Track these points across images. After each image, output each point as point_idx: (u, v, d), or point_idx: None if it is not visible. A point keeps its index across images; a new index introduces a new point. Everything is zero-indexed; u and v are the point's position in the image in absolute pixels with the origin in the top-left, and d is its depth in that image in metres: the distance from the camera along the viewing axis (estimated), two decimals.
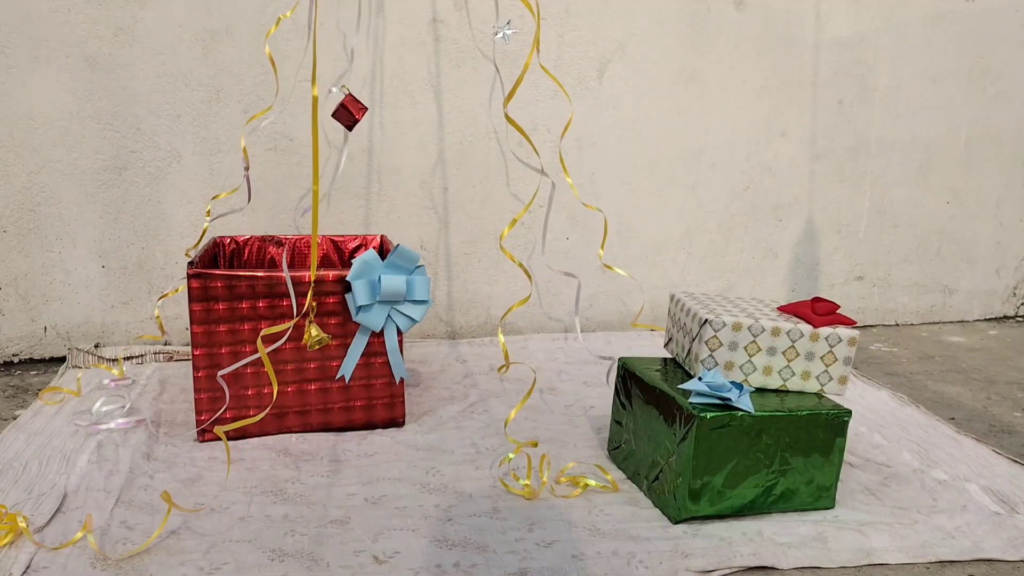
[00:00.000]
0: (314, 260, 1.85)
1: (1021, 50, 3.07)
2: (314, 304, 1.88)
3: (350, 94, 1.83)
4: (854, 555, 1.51)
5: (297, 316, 1.88)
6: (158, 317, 2.47)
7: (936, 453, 1.94)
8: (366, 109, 1.87)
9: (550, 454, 1.87)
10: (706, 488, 1.58)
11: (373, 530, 1.55)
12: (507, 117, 1.80)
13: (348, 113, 1.83)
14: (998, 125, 3.14)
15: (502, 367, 1.93)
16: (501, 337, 1.97)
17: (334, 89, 1.93)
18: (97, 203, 2.57)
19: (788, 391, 1.71)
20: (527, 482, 1.72)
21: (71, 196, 2.55)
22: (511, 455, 1.81)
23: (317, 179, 1.77)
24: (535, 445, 1.79)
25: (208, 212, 2.16)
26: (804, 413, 1.60)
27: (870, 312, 3.21)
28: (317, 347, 1.87)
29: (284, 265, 1.80)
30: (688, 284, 3.04)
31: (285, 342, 1.92)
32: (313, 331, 1.86)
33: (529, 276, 1.92)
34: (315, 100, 1.74)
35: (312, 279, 1.87)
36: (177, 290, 2.39)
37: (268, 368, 1.69)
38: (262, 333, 1.75)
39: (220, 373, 1.82)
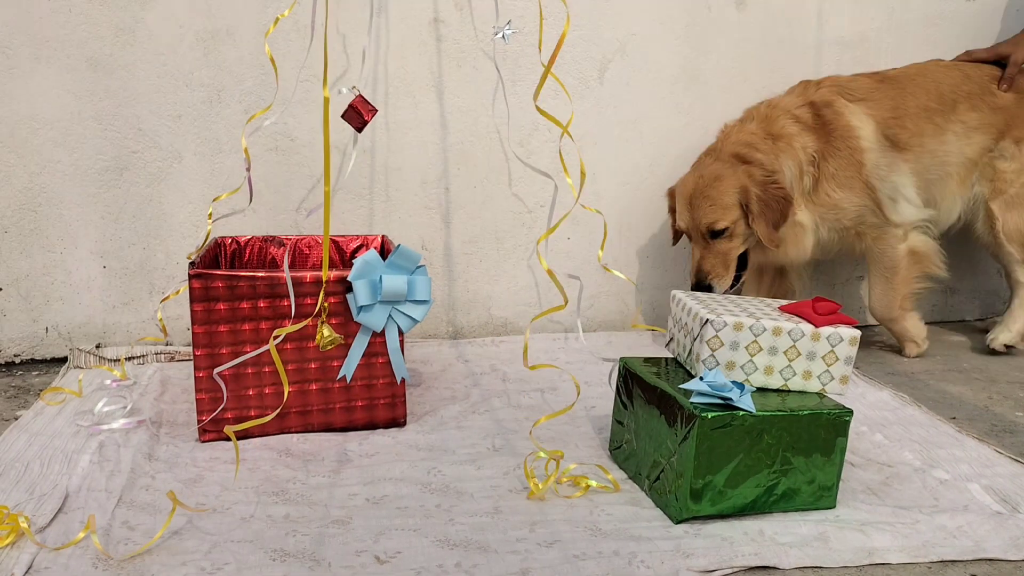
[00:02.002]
0: (325, 260, 1.84)
1: None
2: (326, 304, 1.88)
3: (360, 95, 1.83)
4: (856, 555, 1.51)
5: (311, 316, 1.88)
6: (160, 320, 2.47)
7: (938, 453, 1.94)
8: (376, 111, 1.87)
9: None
10: (707, 488, 1.58)
11: (375, 530, 1.55)
12: (539, 109, 1.80)
13: (358, 114, 1.83)
14: None
15: (534, 367, 1.91)
16: (527, 336, 1.95)
17: (344, 90, 1.93)
18: (98, 204, 2.57)
19: (789, 391, 1.71)
20: (540, 484, 1.71)
21: (72, 197, 2.55)
22: (541, 453, 1.78)
23: (328, 180, 1.77)
24: (561, 455, 1.78)
25: (210, 215, 2.16)
26: (806, 413, 1.60)
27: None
28: (330, 347, 1.87)
29: (285, 265, 1.80)
30: (689, 284, 3.04)
31: (287, 343, 1.92)
32: (325, 331, 1.86)
33: (561, 288, 1.89)
34: (326, 101, 1.74)
35: (324, 279, 1.87)
36: (178, 292, 2.39)
37: (279, 367, 1.69)
38: (275, 333, 1.75)
39: (217, 370, 1.81)
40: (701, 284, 2.53)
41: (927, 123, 2.63)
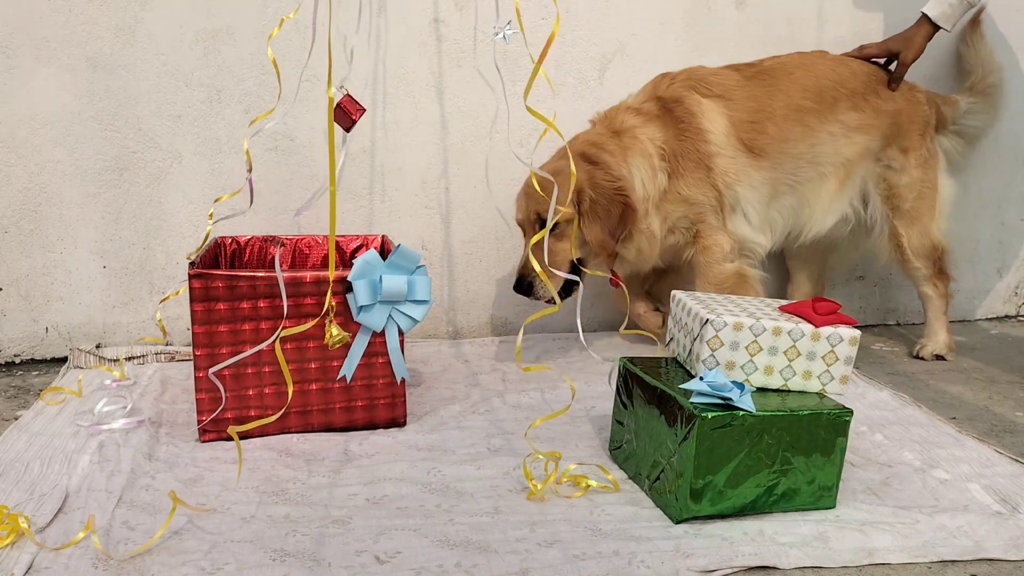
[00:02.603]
0: (332, 260, 1.84)
1: (1021, 51, 3.07)
2: (333, 304, 1.88)
3: (348, 95, 1.83)
4: (856, 555, 1.51)
5: (320, 316, 1.88)
6: (160, 321, 2.47)
7: (938, 452, 1.94)
8: (364, 110, 1.87)
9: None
10: (707, 488, 1.58)
11: (375, 530, 1.55)
12: (529, 109, 1.79)
13: (346, 114, 1.83)
14: (998, 125, 3.13)
15: (527, 368, 1.90)
16: (519, 340, 1.95)
17: (332, 89, 1.93)
18: (98, 203, 2.57)
19: (789, 391, 1.71)
20: (539, 484, 1.70)
21: (72, 196, 2.55)
22: (539, 455, 1.78)
23: (334, 180, 1.76)
24: (559, 457, 1.77)
25: (211, 215, 2.16)
26: (806, 413, 1.60)
27: (871, 312, 3.20)
28: (338, 346, 1.88)
29: (277, 265, 1.79)
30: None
31: (286, 342, 1.92)
32: (334, 330, 1.86)
33: (553, 291, 1.89)
34: (331, 101, 1.74)
35: (331, 278, 1.87)
36: (178, 293, 2.39)
37: (283, 367, 1.69)
38: (282, 333, 1.74)
39: (212, 370, 1.80)
40: (522, 282, 2.35)
41: (796, 125, 2.51)
